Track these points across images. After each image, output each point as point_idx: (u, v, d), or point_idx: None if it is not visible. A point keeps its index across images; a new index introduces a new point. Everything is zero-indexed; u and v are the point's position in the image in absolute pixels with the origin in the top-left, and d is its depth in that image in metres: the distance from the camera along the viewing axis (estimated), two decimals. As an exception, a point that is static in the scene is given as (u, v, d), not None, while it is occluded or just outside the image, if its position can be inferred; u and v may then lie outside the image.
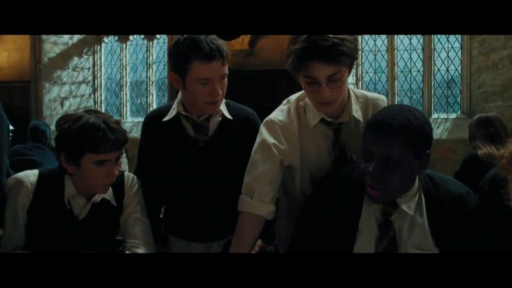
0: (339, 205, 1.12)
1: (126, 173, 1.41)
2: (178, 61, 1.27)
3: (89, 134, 1.19)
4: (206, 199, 1.41)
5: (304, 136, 1.29)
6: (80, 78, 5.78)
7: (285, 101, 1.37)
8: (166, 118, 1.39)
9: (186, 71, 1.26)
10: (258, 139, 1.31)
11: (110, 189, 1.31)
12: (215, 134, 1.39)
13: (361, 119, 1.29)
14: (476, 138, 2.48)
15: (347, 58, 1.13)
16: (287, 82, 4.98)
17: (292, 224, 1.25)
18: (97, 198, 1.31)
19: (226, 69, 1.30)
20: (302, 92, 1.34)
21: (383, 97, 1.36)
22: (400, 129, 0.99)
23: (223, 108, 1.40)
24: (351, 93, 1.30)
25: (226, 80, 1.32)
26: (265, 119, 1.33)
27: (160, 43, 5.75)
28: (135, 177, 1.41)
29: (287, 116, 1.31)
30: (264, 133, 1.29)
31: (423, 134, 1.02)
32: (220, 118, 1.40)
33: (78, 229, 1.28)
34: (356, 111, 1.28)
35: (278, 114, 1.32)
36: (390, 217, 1.08)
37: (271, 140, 1.27)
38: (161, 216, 1.54)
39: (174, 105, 1.41)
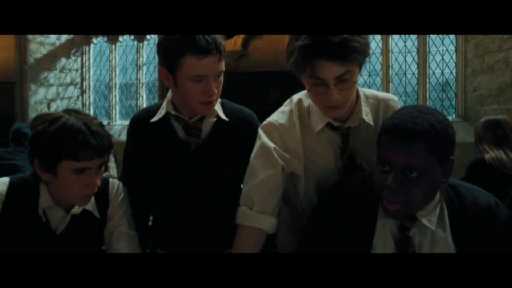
0: (350, 218, 1.00)
1: (111, 180, 1.27)
2: (169, 55, 1.14)
3: (66, 138, 1.05)
4: (199, 209, 1.26)
5: (308, 142, 1.17)
6: (68, 79, 5.64)
7: (287, 102, 1.24)
8: (154, 119, 1.26)
9: (178, 67, 1.13)
10: (257, 144, 1.18)
11: (93, 198, 1.17)
12: (208, 137, 1.26)
13: (371, 123, 1.17)
14: (483, 141, 2.38)
15: (359, 55, 1.01)
16: (281, 84, 4.92)
17: (295, 236, 1.13)
18: (77, 209, 1.17)
19: (222, 66, 1.17)
20: (305, 92, 1.21)
21: (395, 97, 1.24)
22: (422, 135, 0.88)
23: (218, 108, 1.27)
24: (360, 93, 1.18)
25: (222, 78, 1.20)
26: (264, 122, 1.21)
27: (151, 44, 5.65)
28: (121, 184, 1.27)
29: (288, 119, 1.18)
30: (263, 137, 1.17)
31: (448, 139, 0.91)
32: (214, 119, 1.27)
33: (56, 245, 1.13)
34: (367, 114, 1.16)
35: (278, 117, 1.20)
36: (408, 232, 0.97)
37: (271, 144, 1.15)
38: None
39: (163, 105, 1.28)
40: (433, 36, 4.96)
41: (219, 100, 1.28)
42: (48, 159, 1.07)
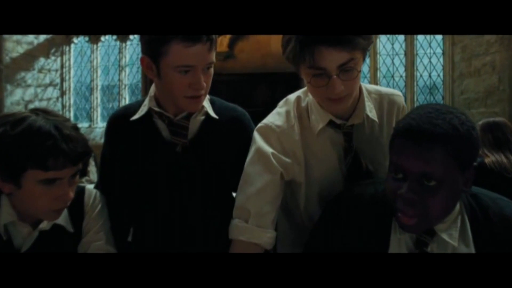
0: (359, 233, 0.89)
1: (88, 188, 1.11)
2: (153, 41, 1.01)
3: (33, 143, 0.88)
4: (186, 219, 1.13)
5: (308, 144, 1.07)
6: (47, 80, 5.46)
7: (281, 103, 1.14)
8: (135, 117, 1.12)
9: (162, 54, 1.00)
10: (252, 149, 1.07)
11: (65, 210, 1.02)
12: (196, 137, 1.12)
13: (376, 119, 1.07)
14: (482, 144, 2.31)
15: (364, 40, 0.92)
16: (267, 86, 4.85)
17: (298, 250, 1.01)
18: (46, 224, 1.01)
19: (213, 57, 1.05)
20: (302, 90, 1.12)
21: (399, 93, 1.15)
22: (443, 138, 0.77)
23: (206, 105, 1.13)
24: (362, 88, 1.08)
25: (212, 70, 1.07)
26: (259, 125, 1.10)
27: (134, 45, 5.55)
28: (98, 193, 1.12)
29: (286, 121, 1.07)
30: (259, 141, 1.06)
31: (471, 143, 0.79)
32: (203, 117, 1.13)
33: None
34: (370, 110, 1.06)
35: (274, 118, 1.09)
36: (426, 248, 0.85)
37: (268, 149, 1.04)
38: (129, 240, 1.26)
39: (146, 101, 1.14)
40: (420, 39, 5.01)
41: (208, 97, 1.16)
42: (10, 168, 0.90)
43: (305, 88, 1.13)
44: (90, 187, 1.15)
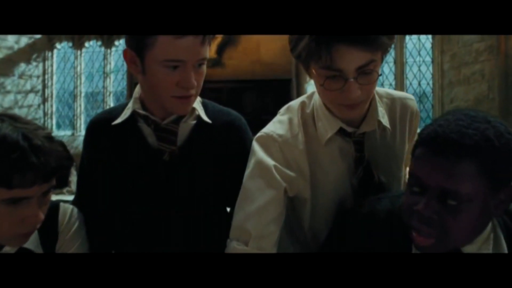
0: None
1: (63, 204, 0.98)
2: None
3: None
4: (175, 236, 1.01)
5: (314, 155, 0.96)
6: (28, 86, 5.33)
7: (283, 110, 1.03)
8: (117, 121, 1.00)
9: (148, 47, 0.88)
10: (251, 161, 0.96)
11: (35, 232, 0.88)
12: (186, 144, 1.00)
13: (388, 126, 0.97)
14: None
15: (388, 39, 0.84)
16: (256, 93, 4.79)
17: None
18: (10, 248, 0.88)
19: (206, 52, 0.93)
20: (306, 95, 1.03)
21: (412, 96, 1.06)
22: (473, 151, 0.66)
23: (198, 107, 1.02)
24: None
25: (204, 68, 0.96)
26: (258, 134, 0.99)
27: (119, 51, 5.45)
28: (75, 210, 0.98)
29: (289, 129, 0.97)
30: (259, 153, 0.95)
31: (510, 159, 0.69)
32: (194, 122, 1.01)
33: None
34: (383, 116, 0.97)
35: (276, 127, 0.98)
36: None
37: (270, 161, 0.93)
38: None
39: (130, 104, 1.02)
40: (409, 47, 5.05)
41: (199, 99, 1.04)
42: None
43: (309, 93, 1.03)
44: (65, 203, 1.01)
